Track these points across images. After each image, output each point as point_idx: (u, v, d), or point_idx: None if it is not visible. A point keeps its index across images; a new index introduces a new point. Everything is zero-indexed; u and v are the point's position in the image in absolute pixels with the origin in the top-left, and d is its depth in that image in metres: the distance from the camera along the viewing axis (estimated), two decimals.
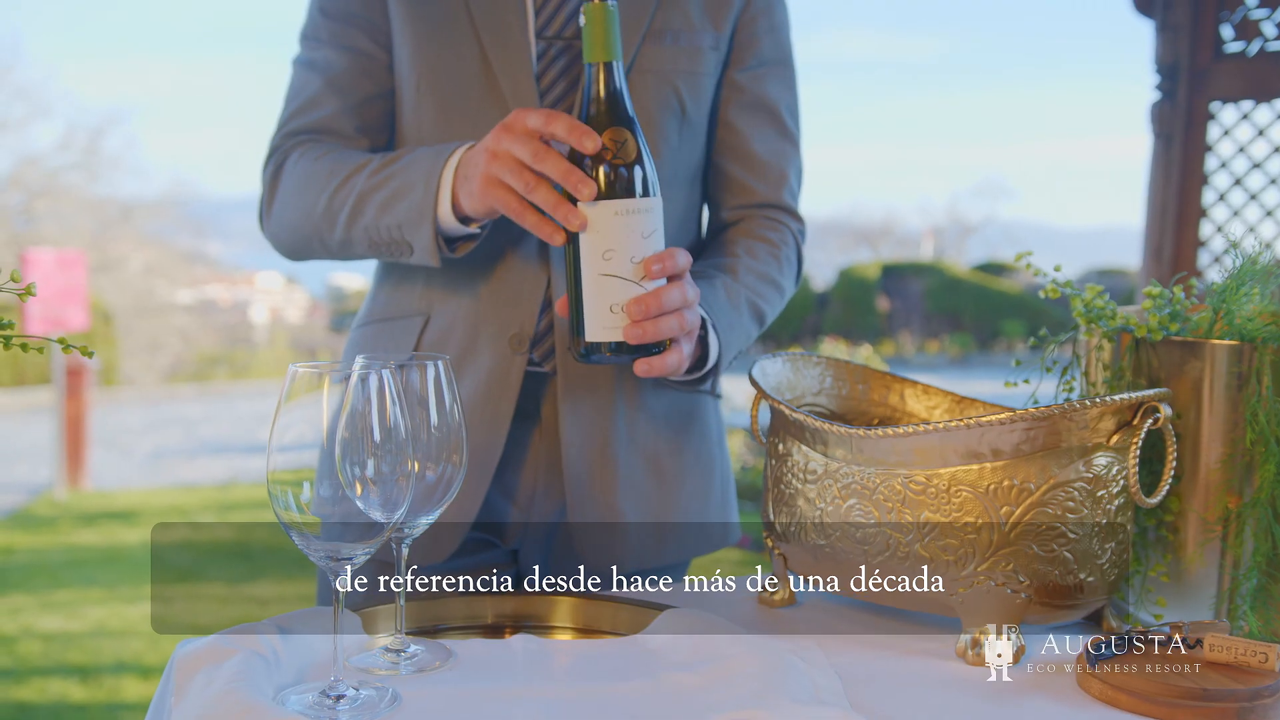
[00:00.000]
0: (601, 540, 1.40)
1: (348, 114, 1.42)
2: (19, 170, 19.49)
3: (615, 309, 1.14)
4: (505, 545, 1.45)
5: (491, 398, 1.37)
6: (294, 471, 0.86)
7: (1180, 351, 1.15)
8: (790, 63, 1.51)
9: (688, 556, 1.50)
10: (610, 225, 1.13)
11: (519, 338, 1.37)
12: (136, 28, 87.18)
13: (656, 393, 1.44)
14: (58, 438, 8.40)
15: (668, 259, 1.15)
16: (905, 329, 20.19)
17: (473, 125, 1.37)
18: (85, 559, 6.48)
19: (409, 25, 1.39)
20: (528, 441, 1.42)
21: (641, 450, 1.42)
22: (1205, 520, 1.14)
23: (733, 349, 1.37)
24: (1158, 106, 3.41)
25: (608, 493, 1.39)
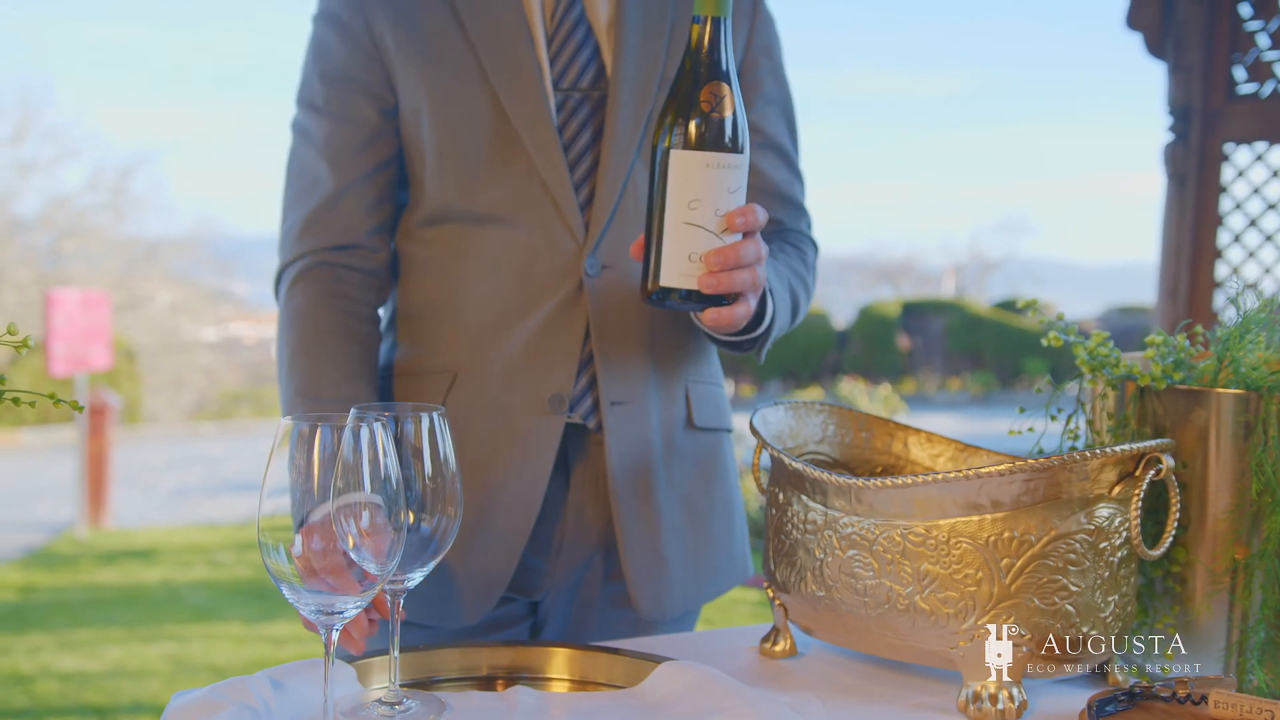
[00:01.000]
0: (653, 588, 1.41)
1: (351, 192, 1.40)
2: (48, 210, 19.77)
3: (694, 258, 1.15)
4: (527, 597, 1.44)
5: (529, 459, 1.37)
6: (286, 524, 0.86)
7: (1185, 400, 1.14)
8: (790, 98, 1.54)
9: (721, 591, 1.51)
10: (700, 176, 1.14)
11: (558, 399, 1.37)
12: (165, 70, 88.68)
13: (688, 434, 1.45)
14: (80, 476, 8.45)
15: (749, 214, 1.16)
16: (926, 367, 20.11)
17: (498, 185, 1.36)
18: (104, 598, 6.49)
19: (422, 87, 1.37)
20: (554, 493, 1.41)
21: (679, 493, 1.44)
22: (1212, 572, 1.13)
23: (780, 323, 1.38)
24: (1171, 148, 3.40)
25: (654, 538, 1.41)
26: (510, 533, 1.36)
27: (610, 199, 1.37)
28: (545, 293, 1.36)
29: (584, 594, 1.46)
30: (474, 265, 1.38)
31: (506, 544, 1.36)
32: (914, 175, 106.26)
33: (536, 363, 1.37)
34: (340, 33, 1.40)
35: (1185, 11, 3.31)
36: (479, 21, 1.38)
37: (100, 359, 8.70)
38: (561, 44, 1.39)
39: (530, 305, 1.36)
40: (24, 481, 11.08)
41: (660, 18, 1.41)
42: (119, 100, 79.88)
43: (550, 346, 1.36)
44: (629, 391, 1.39)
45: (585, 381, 1.38)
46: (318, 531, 0.89)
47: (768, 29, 1.49)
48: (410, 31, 1.38)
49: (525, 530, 1.36)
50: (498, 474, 1.37)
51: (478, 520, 1.37)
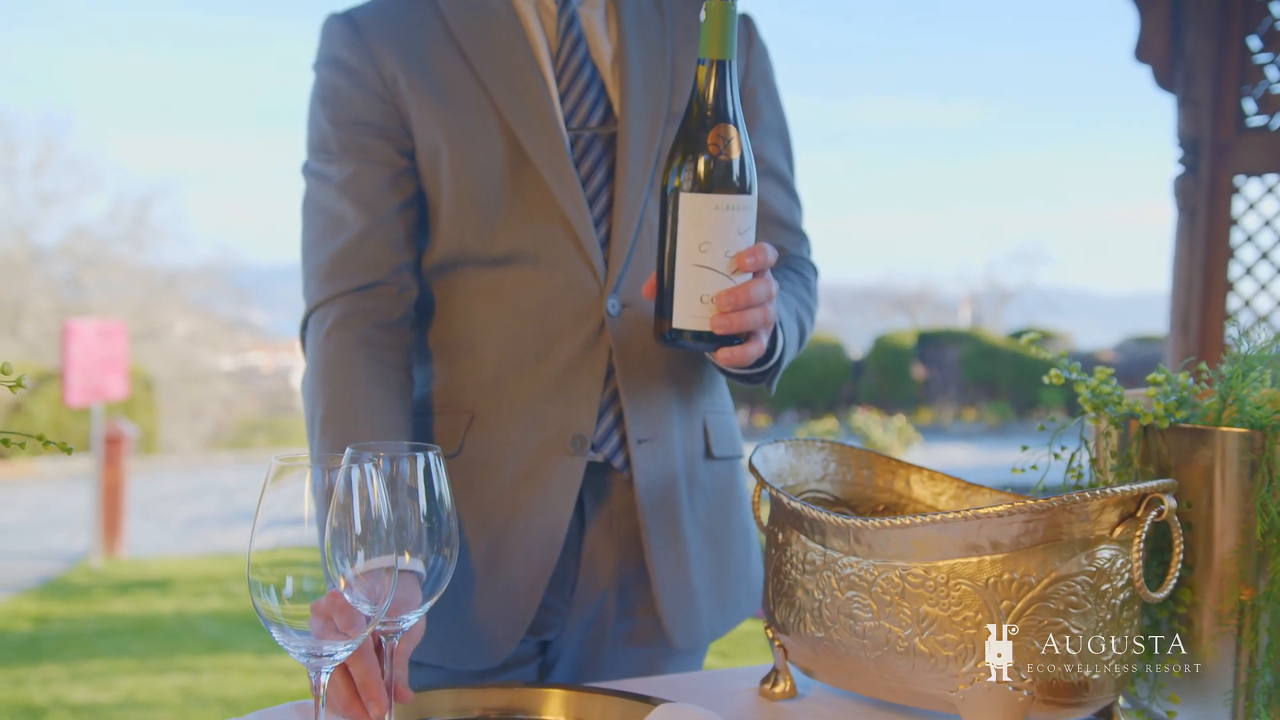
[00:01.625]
0: (684, 619, 1.41)
1: (380, 228, 1.36)
2: (69, 241, 19.96)
3: (705, 299, 1.16)
4: (538, 636, 1.43)
5: (551, 500, 1.36)
6: (276, 565, 0.86)
7: (1189, 439, 1.13)
8: (786, 124, 1.55)
9: (742, 618, 1.52)
10: (710, 218, 1.15)
11: (580, 439, 1.36)
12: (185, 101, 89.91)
13: (707, 465, 1.46)
14: (95, 506, 8.48)
15: (759, 254, 1.16)
16: (942, 397, 20.03)
17: (518, 225, 1.35)
18: (118, 628, 6.50)
19: (439, 128, 1.36)
20: (571, 532, 1.40)
21: (701, 523, 1.44)
22: (1218, 614, 1.11)
23: (790, 354, 1.39)
24: (1180, 180, 3.39)
25: (683, 570, 1.41)
26: (531, 573, 1.36)
27: (628, 237, 1.37)
28: (566, 333, 1.36)
29: (595, 632, 1.45)
30: (492, 306, 1.37)
31: (527, 585, 1.36)
32: (929, 204, 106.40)
33: (558, 403, 1.36)
34: (349, 77, 1.38)
35: (1194, 44, 3.31)
36: (488, 62, 1.37)
37: (116, 389, 8.75)
38: (570, 83, 1.39)
39: (550, 345, 1.36)
40: (41, 511, 11.12)
41: (660, 51, 1.42)
42: (139, 131, 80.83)
43: (571, 387, 1.36)
44: (654, 428, 1.39)
45: (610, 420, 1.38)
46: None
47: (763, 59, 1.50)
48: (420, 73, 1.37)
49: (546, 571, 1.36)
50: (519, 515, 1.36)
51: (498, 562, 1.36)
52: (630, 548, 1.42)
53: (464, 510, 1.35)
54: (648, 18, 1.44)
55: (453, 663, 1.38)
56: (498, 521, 1.36)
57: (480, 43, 1.38)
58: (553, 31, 1.40)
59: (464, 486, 1.36)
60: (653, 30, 1.43)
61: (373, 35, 1.38)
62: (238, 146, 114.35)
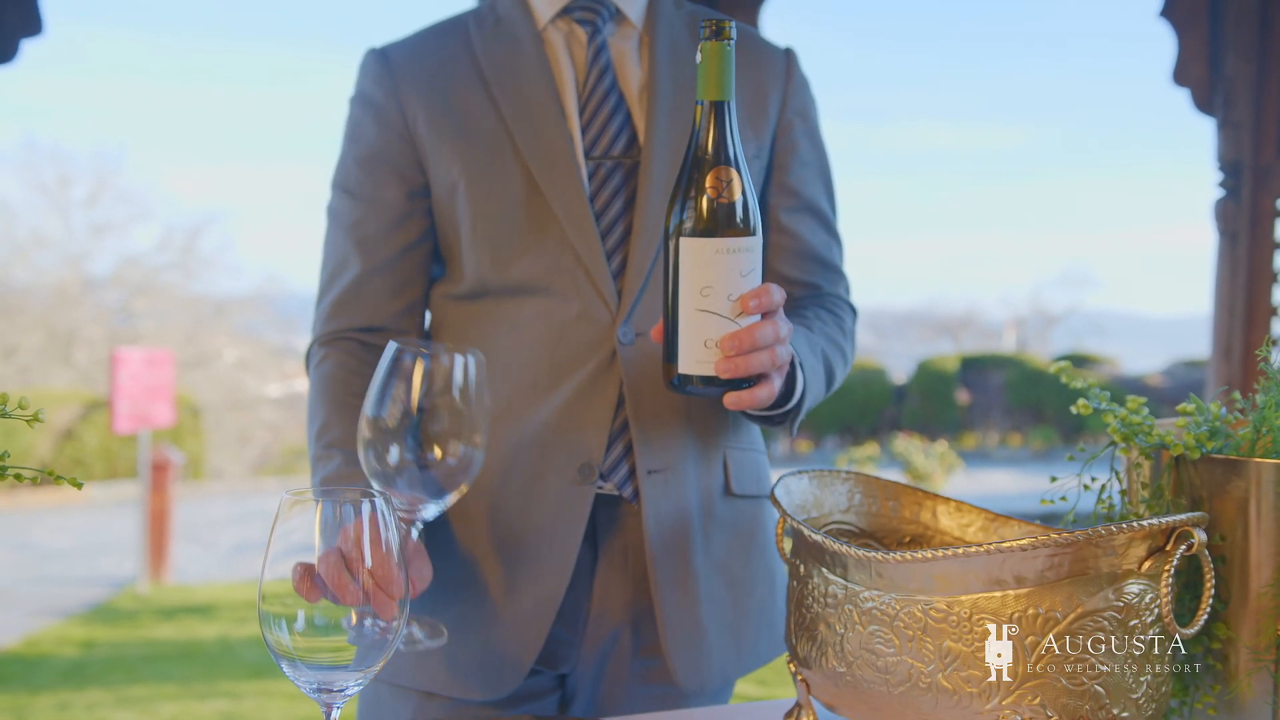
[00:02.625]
0: (691, 658, 1.38)
1: (378, 275, 1.42)
2: (120, 270, 20.35)
3: (709, 344, 1.13)
4: (554, 670, 1.42)
5: (560, 529, 1.35)
6: (287, 598, 0.86)
7: (1223, 470, 1.10)
8: (826, 160, 1.53)
9: (761, 663, 1.49)
10: (710, 262, 1.13)
11: (588, 468, 1.35)
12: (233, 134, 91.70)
13: (726, 501, 1.43)
14: (142, 532, 8.59)
15: (764, 295, 1.14)
16: (986, 422, 19.80)
17: (531, 256, 1.37)
18: (162, 653, 6.56)
19: (456, 163, 1.38)
20: (583, 566, 1.40)
21: (717, 561, 1.41)
22: (1254, 649, 1.08)
23: (813, 394, 1.35)
24: (1221, 204, 3.34)
25: (692, 607, 1.38)
26: (540, 603, 1.35)
27: (643, 266, 1.36)
28: (578, 361, 1.36)
29: (613, 668, 1.43)
30: (508, 335, 1.38)
31: (536, 614, 1.35)
32: (973, 228, 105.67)
33: (568, 431, 1.36)
34: (373, 113, 1.42)
35: (1233, 68, 3.27)
36: (510, 95, 1.39)
37: (163, 416, 8.89)
38: (594, 112, 1.40)
39: (562, 374, 1.36)
40: (90, 536, 11.28)
41: (691, 81, 1.42)
42: (190, 162, 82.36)
43: (582, 415, 1.35)
44: (666, 459, 1.37)
45: (620, 450, 1.37)
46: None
47: (802, 92, 1.49)
48: (444, 109, 1.39)
49: (555, 601, 1.35)
50: (527, 543, 1.36)
51: (507, 590, 1.36)
52: (643, 584, 1.40)
53: (474, 538, 1.38)
54: (681, 49, 1.44)
55: (462, 693, 1.37)
56: (507, 549, 1.36)
57: (504, 77, 1.40)
58: (581, 61, 1.42)
59: (475, 513, 1.37)
60: (685, 61, 1.43)
61: (402, 72, 1.41)
62: (285, 176, 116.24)
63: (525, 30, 1.42)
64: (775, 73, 1.46)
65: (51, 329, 18.85)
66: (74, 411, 15.48)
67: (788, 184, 1.46)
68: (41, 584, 8.77)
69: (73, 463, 15.09)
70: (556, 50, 1.43)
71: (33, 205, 20.25)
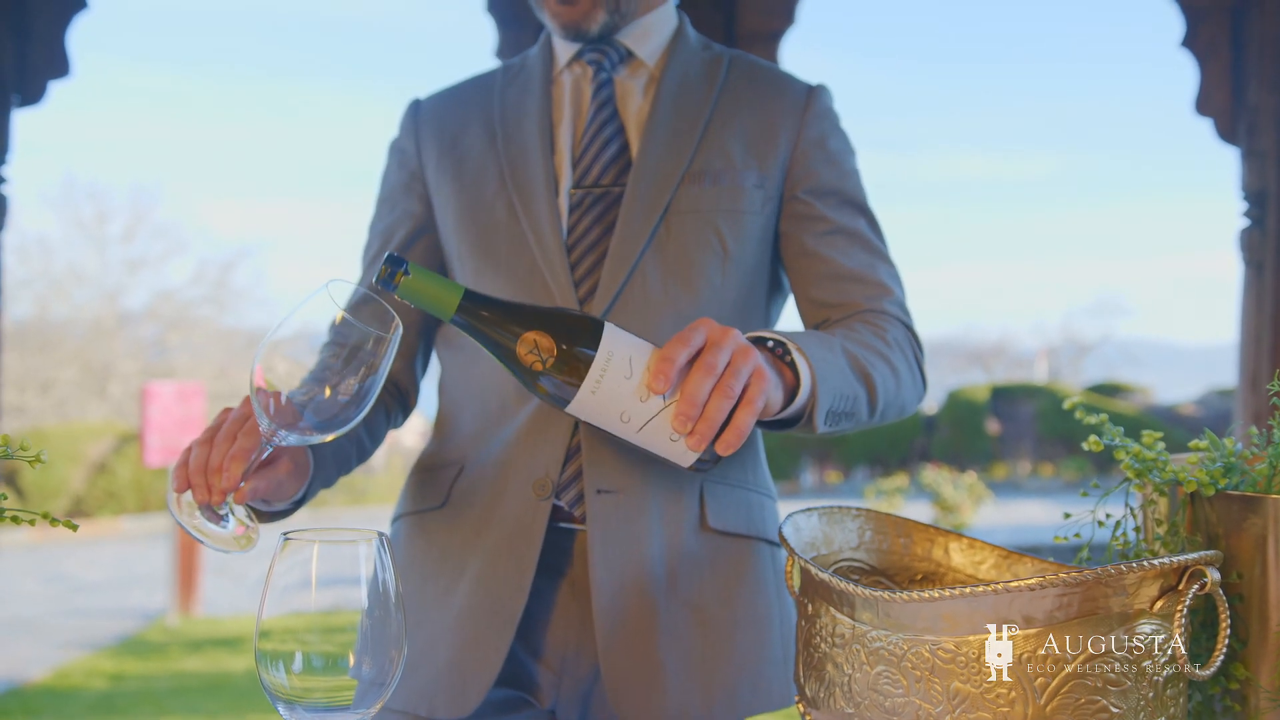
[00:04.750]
0: (639, 693, 1.34)
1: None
2: (154, 304, 20.63)
3: (674, 439, 1.11)
4: (542, 706, 1.42)
5: (516, 545, 1.36)
6: (284, 638, 0.86)
7: (1239, 506, 1.08)
8: (853, 182, 1.48)
9: (741, 715, 1.42)
10: (598, 403, 1.09)
11: (542, 484, 1.36)
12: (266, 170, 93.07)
13: (701, 537, 1.39)
14: (172, 564, 8.64)
15: (663, 366, 1.07)
16: (1017, 452, 19.62)
17: (505, 279, 1.41)
18: (190, 686, 6.58)
19: (452, 200, 1.47)
20: (556, 599, 1.40)
21: (684, 599, 1.38)
22: (1272, 689, 1.06)
23: (832, 385, 1.24)
24: (1247, 233, 3.31)
25: (645, 643, 1.35)
26: (500, 620, 1.35)
27: (611, 290, 1.37)
28: None
29: (597, 706, 1.41)
30: (487, 359, 1.41)
31: (496, 631, 1.35)
32: (1004, 257, 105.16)
33: (527, 449, 1.38)
34: (398, 159, 1.55)
35: (1257, 97, 3.24)
36: (510, 134, 1.46)
37: None
38: (588, 144, 1.43)
39: (526, 394, 1.38)
40: (122, 568, 11.37)
41: (695, 117, 1.43)
42: (224, 197, 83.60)
43: (540, 432, 1.37)
44: (618, 482, 1.36)
45: (574, 469, 1.37)
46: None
47: (820, 123, 1.47)
48: (451, 150, 1.48)
49: (513, 618, 1.34)
50: (488, 559, 1.37)
51: (468, 606, 1.37)
52: None
53: (443, 556, 1.42)
54: (692, 88, 1.46)
55: (428, 711, 1.38)
56: (469, 566, 1.38)
57: (510, 118, 1.47)
58: (587, 95, 1.46)
59: (445, 534, 1.42)
60: (693, 98, 1.45)
61: (425, 119, 1.53)
62: (317, 211, 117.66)
63: (539, 75, 1.49)
64: (791, 106, 1.46)
65: (87, 363, 19.10)
66: (108, 444, 15.65)
67: (811, 210, 1.44)
68: (72, 616, 8.83)
69: (106, 495, 15.24)
70: (564, 91, 1.48)
71: (70, 241, 20.58)
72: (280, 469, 1.19)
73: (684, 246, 1.38)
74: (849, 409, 1.28)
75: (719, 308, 1.40)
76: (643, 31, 1.48)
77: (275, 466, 1.18)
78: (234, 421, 1.18)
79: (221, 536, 1.14)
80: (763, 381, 1.11)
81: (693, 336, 1.08)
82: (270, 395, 1.07)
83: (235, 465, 1.13)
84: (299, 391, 1.10)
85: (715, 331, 1.10)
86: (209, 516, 1.14)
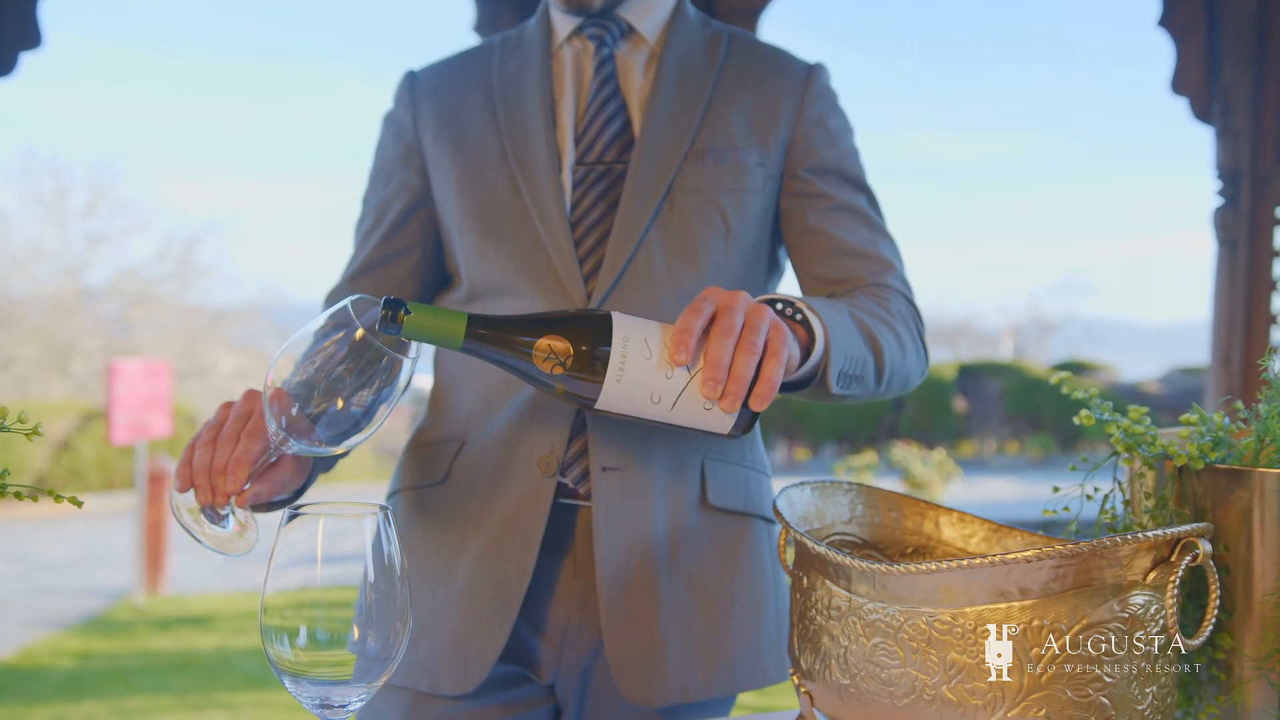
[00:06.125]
0: (641, 669, 1.35)
1: (364, 273, 1.51)
2: (117, 281, 20.36)
3: (708, 408, 1.09)
4: (541, 681, 1.42)
5: (520, 522, 1.36)
6: (289, 612, 0.86)
7: (1226, 480, 1.10)
8: (853, 160, 1.49)
9: (739, 690, 1.44)
10: (626, 390, 1.08)
11: (547, 461, 1.36)
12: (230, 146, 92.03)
13: (704, 514, 1.41)
14: (139, 543, 8.56)
15: (681, 337, 1.05)
16: (984, 430, 19.81)
17: (508, 255, 1.40)
18: (159, 665, 6.54)
19: (452, 174, 1.44)
20: (559, 575, 1.40)
21: (685, 575, 1.39)
22: (1257, 658, 1.08)
23: (842, 345, 1.22)
24: (1220, 212, 3.34)
25: (648, 619, 1.36)
26: (503, 596, 1.35)
27: (616, 267, 1.37)
28: None
29: (597, 682, 1.42)
30: None
31: (500, 608, 1.35)
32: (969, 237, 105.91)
33: (532, 425, 1.37)
34: (394, 131, 1.52)
35: (1232, 76, 3.27)
36: (510, 108, 1.45)
37: (160, 427, 8.86)
38: (590, 120, 1.42)
39: None
40: (87, 547, 11.25)
41: (697, 95, 1.43)
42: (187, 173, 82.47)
43: (545, 409, 1.37)
44: (623, 458, 1.36)
45: (579, 446, 1.37)
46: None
47: (818, 102, 1.47)
48: (451, 123, 1.46)
49: (518, 595, 1.35)
50: (492, 535, 1.37)
51: (472, 583, 1.37)
52: None
53: (445, 532, 1.41)
54: (693, 65, 1.46)
55: (431, 687, 1.38)
56: (474, 542, 1.38)
57: (509, 92, 1.46)
58: (588, 73, 1.45)
59: (446, 510, 1.41)
60: (695, 75, 1.45)
61: (422, 92, 1.51)
62: (282, 188, 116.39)
63: (538, 48, 1.48)
64: (791, 84, 1.46)
65: (49, 340, 18.83)
66: (71, 422, 15.46)
67: (812, 187, 1.44)
68: (37, 595, 8.74)
69: (69, 474, 15.06)
70: (565, 65, 1.47)
71: (30, 216, 20.25)
72: (284, 469, 1.18)
73: (687, 224, 1.38)
74: (859, 372, 1.27)
75: (721, 285, 1.41)
76: (644, 6, 1.48)
77: (278, 467, 1.17)
78: (236, 420, 1.16)
79: (221, 537, 1.13)
80: (782, 333, 1.09)
81: (703, 305, 1.07)
82: (284, 404, 1.05)
83: (241, 469, 1.12)
84: (297, 382, 1.07)
85: (724, 296, 1.09)
86: (210, 517, 1.13)
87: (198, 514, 1.13)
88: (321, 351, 1.04)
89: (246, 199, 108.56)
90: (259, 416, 1.15)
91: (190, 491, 1.15)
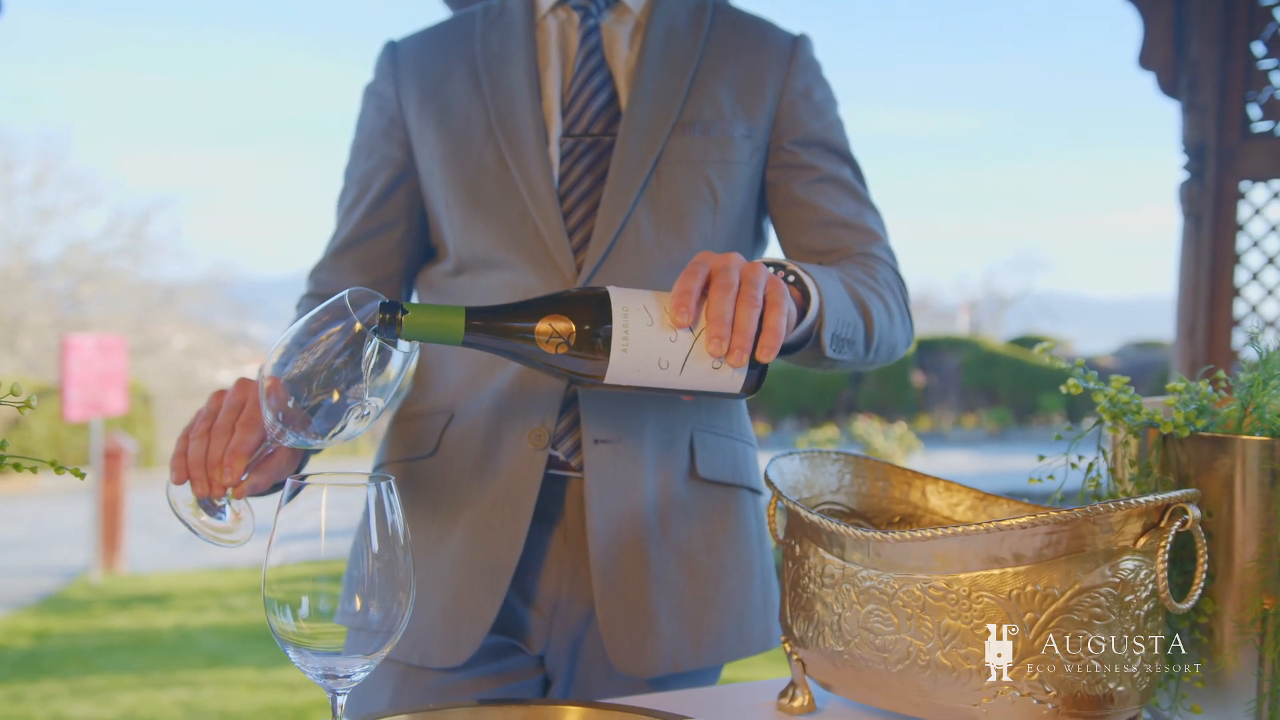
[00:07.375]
0: (633, 640, 1.36)
1: (349, 247, 1.50)
2: (67, 256, 19.98)
3: (716, 366, 1.08)
4: (531, 652, 1.42)
5: (512, 496, 1.36)
6: (291, 583, 0.85)
7: (1209, 447, 1.12)
8: (838, 132, 1.49)
9: (726, 659, 1.45)
10: (633, 360, 1.07)
11: (539, 434, 1.36)
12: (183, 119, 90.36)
13: (692, 485, 1.41)
14: (95, 521, 8.45)
15: (681, 299, 1.04)
16: (942, 404, 20.03)
17: (495, 228, 1.39)
18: (117, 644, 6.47)
19: (437, 147, 1.43)
20: (549, 546, 1.40)
21: (675, 547, 1.39)
22: (1239, 623, 1.10)
23: (835, 307, 1.22)
24: (1186, 186, 3.39)
25: (639, 591, 1.36)
26: (494, 569, 1.35)
27: (605, 239, 1.36)
28: None
29: (587, 652, 1.42)
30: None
31: (490, 580, 1.35)
32: (927, 212, 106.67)
33: (522, 398, 1.37)
34: (376, 103, 1.50)
35: (1198, 51, 3.31)
36: (495, 79, 1.43)
37: (116, 404, 8.74)
38: (577, 92, 1.41)
39: None
40: (41, 526, 11.09)
41: (683, 66, 1.42)
42: (138, 147, 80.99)
43: (537, 382, 1.36)
44: (614, 430, 1.36)
45: (570, 419, 1.37)
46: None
47: (804, 74, 1.47)
48: (434, 95, 1.45)
49: (509, 567, 1.35)
50: (482, 508, 1.37)
51: (463, 555, 1.37)
52: None
53: (434, 505, 1.40)
54: (678, 36, 1.45)
55: (421, 659, 1.38)
56: (464, 514, 1.37)
57: (494, 63, 1.44)
58: (573, 44, 1.44)
59: (436, 483, 1.40)
60: (680, 47, 1.44)
61: (405, 63, 1.49)
62: (235, 162, 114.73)
63: (522, 18, 1.46)
64: (776, 56, 1.45)
65: None
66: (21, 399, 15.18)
67: (798, 159, 1.44)
68: None
69: (20, 451, 14.80)
70: (549, 36, 1.45)
71: None
72: (280, 459, 1.16)
73: (676, 196, 1.38)
74: (851, 336, 1.27)
75: None
76: None
77: (274, 457, 1.15)
78: (229, 410, 1.14)
79: (218, 528, 1.12)
80: (779, 285, 1.09)
81: (698, 268, 1.07)
82: (280, 397, 1.03)
83: (238, 461, 1.11)
84: (295, 374, 1.05)
85: (718, 258, 1.08)
86: (207, 508, 1.12)
87: (194, 506, 1.12)
88: (319, 344, 1.02)
89: (199, 173, 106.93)
90: (253, 406, 1.13)
91: (186, 484, 1.13)
